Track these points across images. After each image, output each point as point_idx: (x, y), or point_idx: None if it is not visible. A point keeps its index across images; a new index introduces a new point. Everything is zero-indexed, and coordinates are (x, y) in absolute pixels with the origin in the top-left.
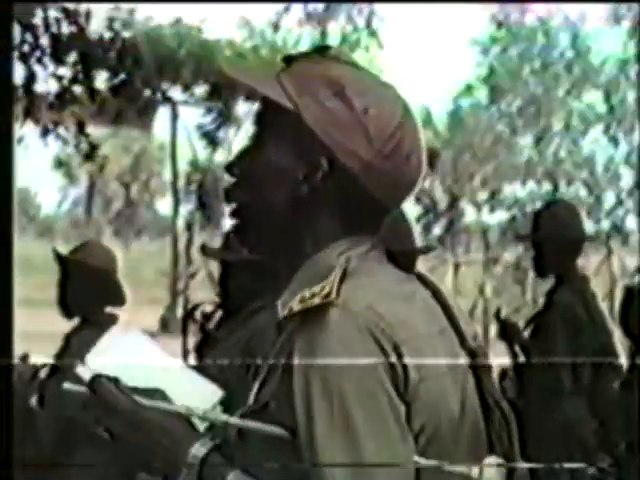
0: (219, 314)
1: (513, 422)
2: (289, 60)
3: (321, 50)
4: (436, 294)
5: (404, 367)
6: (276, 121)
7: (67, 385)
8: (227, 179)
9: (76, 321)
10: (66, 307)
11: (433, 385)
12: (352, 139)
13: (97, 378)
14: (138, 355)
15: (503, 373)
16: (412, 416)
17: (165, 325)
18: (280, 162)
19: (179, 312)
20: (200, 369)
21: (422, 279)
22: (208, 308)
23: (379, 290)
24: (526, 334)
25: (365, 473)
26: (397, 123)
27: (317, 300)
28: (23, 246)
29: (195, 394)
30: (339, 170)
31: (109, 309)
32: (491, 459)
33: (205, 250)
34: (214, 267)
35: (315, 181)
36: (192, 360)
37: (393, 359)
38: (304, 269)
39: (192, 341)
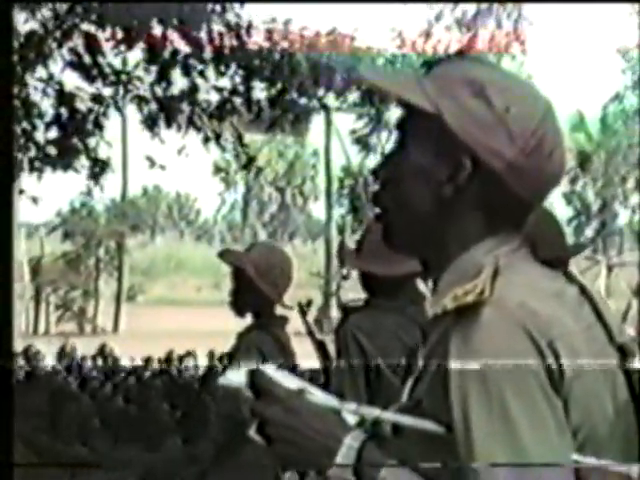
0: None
1: None
2: (430, 64)
3: (461, 53)
4: (583, 290)
5: (559, 363)
6: (418, 124)
7: (222, 380)
8: (375, 184)
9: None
10: (237, 305)
11: (587, 382)
12: (494, 138)
13: (256, 370)
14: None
15: None
16: (568, 413)
17: (319, 326)
18: (424, 164)
19: (332, 313)
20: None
21: (568, 276)
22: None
23: (530, 287)
24: None
25: (526, 468)
26: (538, 120)
27: (471, 298)
28: (182, 250)
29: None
30: (482, 169)
31: (280, 310)
32: None
33: (342, 257)
34: None
35: (459, 181)
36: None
37: (548, 355)
38: (452, 268)
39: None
